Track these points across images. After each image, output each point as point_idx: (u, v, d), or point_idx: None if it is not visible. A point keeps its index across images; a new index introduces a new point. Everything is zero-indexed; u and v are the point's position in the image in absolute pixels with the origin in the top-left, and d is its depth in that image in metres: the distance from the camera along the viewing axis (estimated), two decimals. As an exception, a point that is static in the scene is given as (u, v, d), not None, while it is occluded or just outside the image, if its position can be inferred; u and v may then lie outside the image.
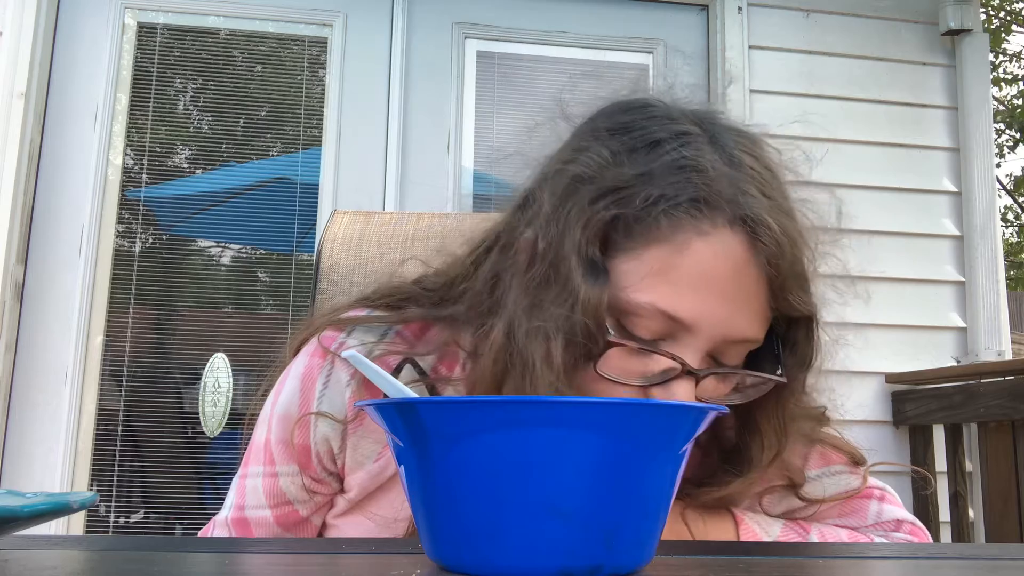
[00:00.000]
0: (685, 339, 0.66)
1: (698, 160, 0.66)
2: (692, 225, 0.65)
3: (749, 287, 0.66)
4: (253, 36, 2.74)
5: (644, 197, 0.65)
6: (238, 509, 0.79)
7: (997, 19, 12.03)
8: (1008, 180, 13.88)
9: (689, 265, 0.65)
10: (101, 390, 2.43)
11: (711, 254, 0.65)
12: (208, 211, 2.79)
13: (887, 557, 0.57)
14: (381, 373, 0.52)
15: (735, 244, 0.65)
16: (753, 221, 0.65)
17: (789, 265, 0.66)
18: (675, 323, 0.65)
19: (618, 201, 0.66)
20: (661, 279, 0.65)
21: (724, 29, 2.76)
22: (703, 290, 0.65)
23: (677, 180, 0.66)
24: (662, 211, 0.65)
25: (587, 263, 0.65)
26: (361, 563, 0.49)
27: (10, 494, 0.50)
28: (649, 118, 0.70)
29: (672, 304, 0.64)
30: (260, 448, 0.79)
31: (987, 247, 2.72)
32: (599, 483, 0.41)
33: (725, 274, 0.65)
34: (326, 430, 0.75)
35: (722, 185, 0.66)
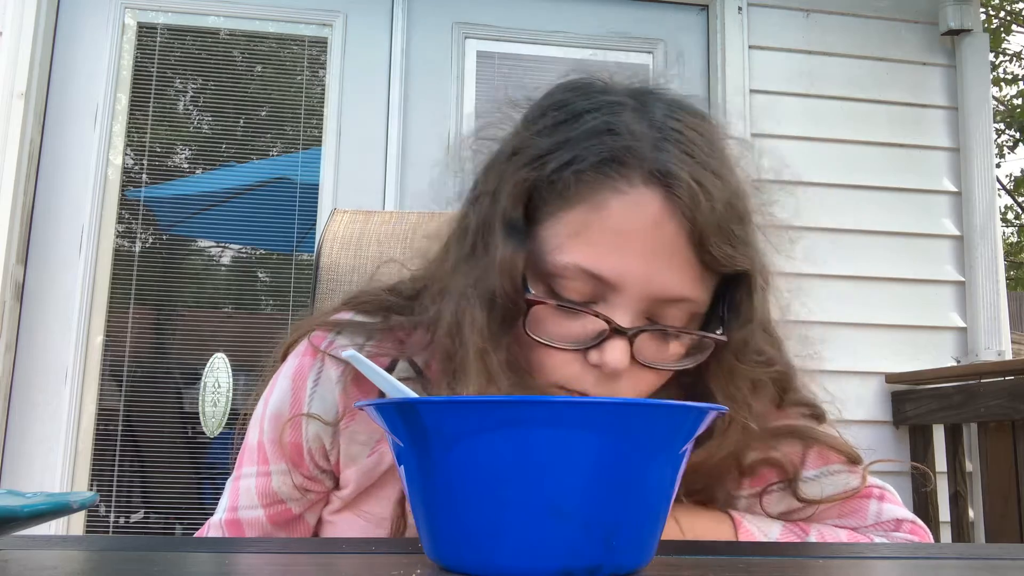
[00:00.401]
0: (613, 299, 0.66)
1: (616, 124, 0.68)
2: (608, 184, 0.66)
3: (669, 242, 0.66)
4: (253, 36, 2.74)
5: (558, 161, 0.67)
6: (231, 511, 0.80)
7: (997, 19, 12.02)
8: (1008, 180, 13.88)
9: (606, 223, 0.66)
10: (101, 390, 2.43)
11: (627, 210, 0.65)
12: (208, 211, 2.79)
13: (887, 557, 0.57)
14: (381, 373, 0.52)
15: (651, 199, 0.66)
16: (668, 175, 0.65)
17: (708, 218, 0.65)
18: (600, 282, 0.66)
19: (537, 168, 0.68)
20: (581, 239, 0.66)
21: (724, 29, 2.76)
22: (622, 246, 0.65)
23: (592, 143, 0.67)
24: (575, 172, 0.66)
25: (508, 227, 0.68)
26: (361, 563, 0.49)
27: (10, 494, 0.50)
28: (584, 95, 0.72)
29: (593, 262, 0.65)
30: (253, 449, 0.80)
31: (987, 247, 2.72)
32: (599, 483, 0.41)
33: (643, 229, 0.65)
34: (318, 427, 0.76)
35: (638, 145, 0.67)
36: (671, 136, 0.68)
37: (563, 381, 0.68)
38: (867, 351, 2.66)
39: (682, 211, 0.65)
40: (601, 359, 0.66)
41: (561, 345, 0.67)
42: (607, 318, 0.66)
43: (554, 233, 0.67)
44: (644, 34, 2.82)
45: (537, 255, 0.68)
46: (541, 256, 0.67)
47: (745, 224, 0.69)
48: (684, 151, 0.67)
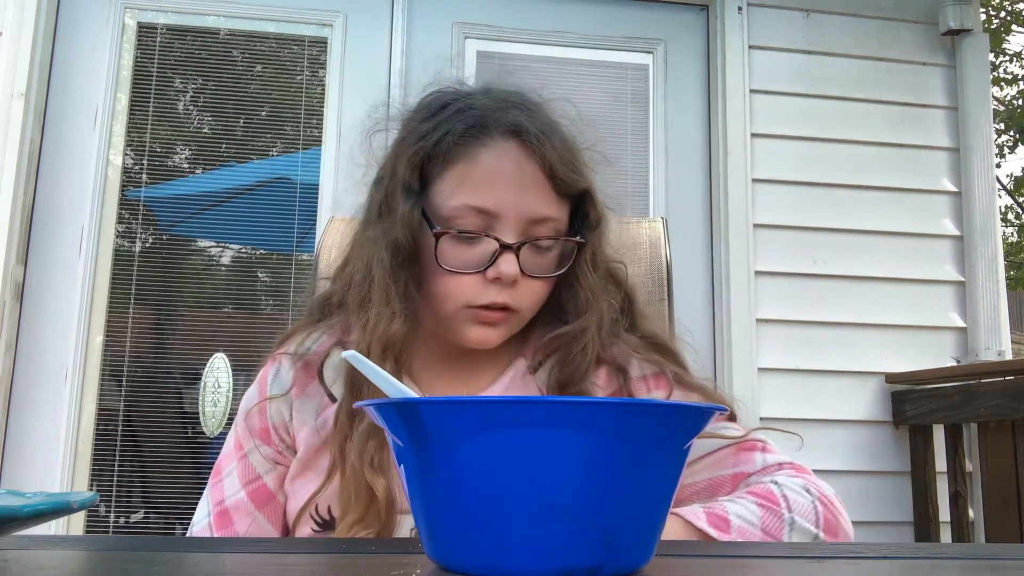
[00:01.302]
0: (497, 226, 0.86)
1: (471, 103, 0.91)
2: (477, 142, 0.88)
3: (530, 176, 0.87)
4: (253, 36, 2.74)
5: (439, 133, 0.89)
6: (218, 505, 0.91)
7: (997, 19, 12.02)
8: (1008, 180, 13.88)
9: (482, 169, 0.87)
10: (101, 390, 2.43)
11: (495, 157, 0.87)
12: (208, 211, 2.79)
13: (887, 557, 0.57)
14: (380, 373, 0.52)
15: (510, 147, 0.88)
16: (519, 127, 0.88)
17: (552, 155, 0.87)
18: (484, 214, 0.86)
19: (422, 142, 0.89)
20: (465, 185, 0.87)
21: (724, 29, 2.76)
22: (497, 183, 0.86)
23: (460, 118, 0.89)
24: (452, 139, 0.88)
25: (406, 191, 0.88)
26: (361, 563, 0.49)
27: (10, 494, 0.50)
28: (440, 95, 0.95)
29: (477, 199, 0.86)
30: (231, 450, 0.94)
31: (987, 247, 2.72)
32: (599, 483, 0.41)
33: (509, 168, 0.87)
34: (278, 408, 0.92)
35: (491, 112, 0.89)
36: (512, 103, 0.91)
37: (470, 299, 0.87)
38: (867, 351, 2.66)
39: (534, 152, 0.87)
40: (497, 271, 0.85)
41: (465, 270, 0.86)
42: (497, 237, 0.86)
43: (444, 187, 0.88)
44: (644, 34, 2.82)
45: (435, 206, 0.88)
46: (437, 206, 0.88)
47: (577, 158, 0.92)
48: (525, 112, 0.90)
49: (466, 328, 0.88)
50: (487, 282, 0.86)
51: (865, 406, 2.64)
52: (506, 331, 0.90)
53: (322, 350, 0.94)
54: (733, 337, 2.59)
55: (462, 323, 0.88)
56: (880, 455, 2.62)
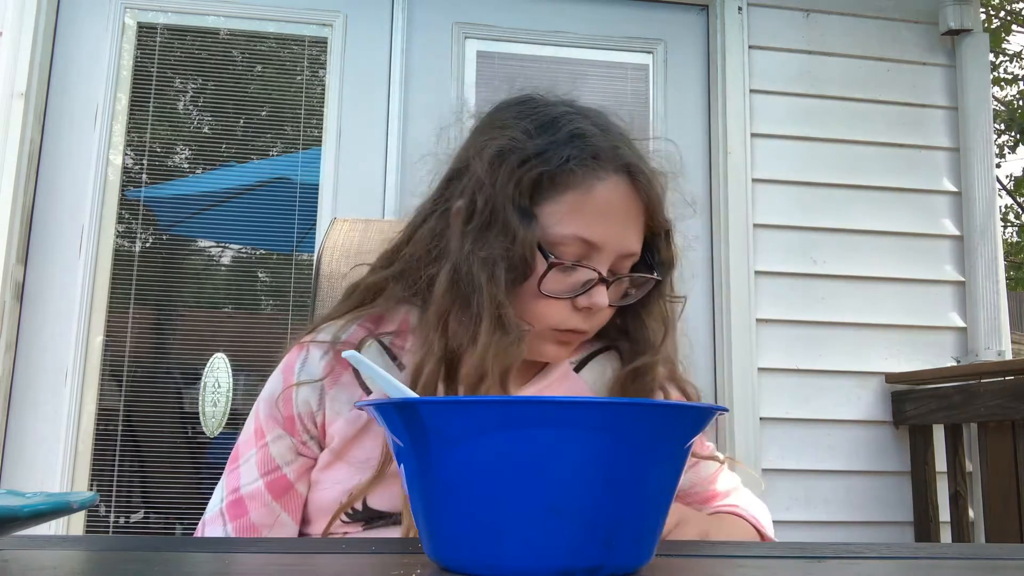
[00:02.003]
0: (596, 257, 0.89)
1: (584, 129, 0.92)
2: (592, 174, 0.90)
3: (633, 213, 0.91)
4: (253, 36, 2.74)
5: (558, 158, 0.90)
6: (232, 492, 0.91)
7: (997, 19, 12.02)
8: (1008, 180, 13.88)
9: (595, 202, 0.89)
10: (101, 390, 2.43)
11: (608, 192, 0.90)
12: (208, 211, 2.79)
13: (887, 557, 0.57)
14: (381, 373, 0.52)
15: (621, 184, 0.91)
16: (630, 167, 0.91)
17: (655, 195, 0.92)
18: (589, 246, 0.89)
19: (541, 162, 0.89)
20: (578, 216, 0.89)
21: (724, 29, 2.76)
22: (607, 218, 0.90)
23: (576, 144, 0.91)
24: (572, 166, 0.89)
25: (519, 210, 0.88)
26: (361, 563, 0.49)
27: (10, 494, 0.50)
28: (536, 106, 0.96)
29: (587, 231, 0.89)
30: (250, 436, 0.94)
31: (987, 247, 2.72)
32: (599, 483, 0.41)
33: (619, 206, 0.91)
34: (306, 394, 0.91)
35: (603, 144, 0.91)
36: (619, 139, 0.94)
37: (558, 324, 0.90)
38: (867, 351, 2.66)
39: (640, 191, 0.91)
40: (590, 302, 0.90)
41: (561, 295, 0.89)
42: (598, 271, 0.89)
43: (554, 212, 0.89)
44: (644, 34, 2.82)
45: (542, 229, 0.89)
46: (545, 230, 0.89)
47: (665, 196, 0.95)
48: (630, 148, 0.93)
49: (543, 345, 0.93)
50: (575, 308, 0.90)
51: (865, 406, 2.64)
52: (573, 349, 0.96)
53: (353, 340, 0.94)
54: (733, 337, 2.59)
55: (541, 341, 0.92)
56: (880, 455, 2.62)
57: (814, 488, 2.55)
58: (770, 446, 2.56)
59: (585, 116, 0.94)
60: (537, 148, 0.90)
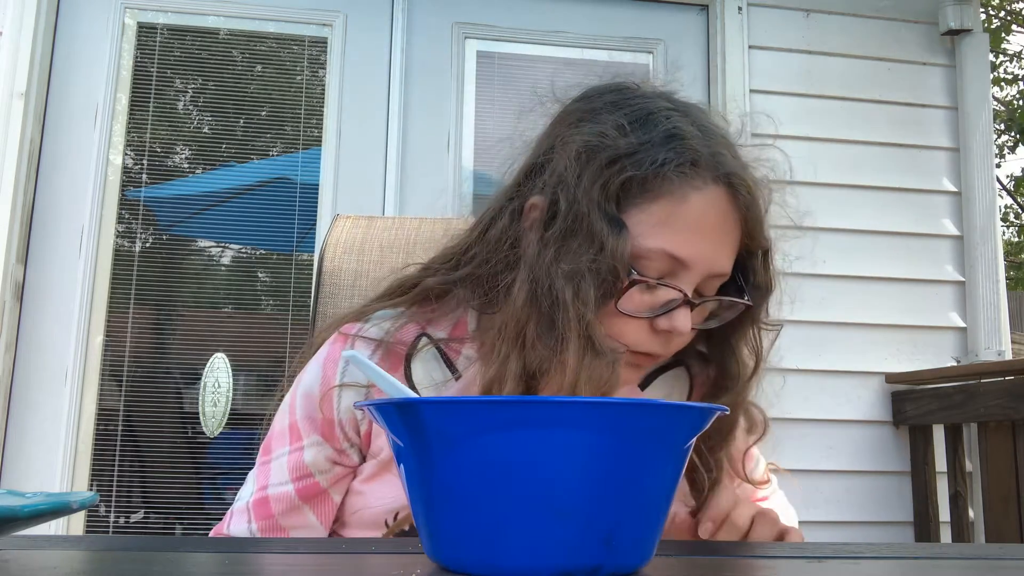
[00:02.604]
0: (682, 275, 0.79)
1: (682, 129, 0.81)
2: (687, 182, 0.79)
3: (729, 229, 0.81)
4: (253, 36, 2.74)
5: (651, 160, 0.78)
6: (261, 490, 0.84)
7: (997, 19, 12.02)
8: (1008, 180, 13.88)
9: (688, 214, 0.79)
10: (101, 390, 2.43)
11: (704, 204, 0.79)
12: (208, 211, 2.79)
13: (887, 557, 0.57)
14: (381, 373, 0.52)
15: (720, 196, 0.80)
16: (731, 177, 0.80)
17: (755, 212, 0.81)
18: (676, 262, 0.78)
19: (632, 164, 0.79)
20: (667, 227, 0.78)
21: (724, 29, 2.76)
22: (700, 234, 0.79)
23: (673, 146, 0.79)
24: (667, 171, 0.78)
25: (608, 217, 0.77)
26: (361, 563, 0.49)
27: (10, 494, 0.50)
28: (631, 97, 0.85)
29: (677, 247, 0.78)
30: (284, 431, 0.85)
31: (987, 247, 2.72)
32: (599, 483, 0.41)
33: (715, 221, 0.80)
34: (350, 399, 0.82)
35: (703, 148, 0.80)
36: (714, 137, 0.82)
37: (634, 345, 0.80)
38: (867, 351, 2.66)
39: (739, 206, 0.80)
40: (671, 325, 0.79)
41: (640, 315, 0.79)
42: (683, 291, 0.79)
43: (641, 221, 0.79)
44: (644, 34, 2.82)
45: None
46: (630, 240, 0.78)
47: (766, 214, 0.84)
48: (728, 152, 0.82)
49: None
50: (653, 330, 0.80)
51: (865, 406, 2.64)
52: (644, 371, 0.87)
53: (406, 339, 0.85)
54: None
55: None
56: (880, 455, 2.62)
57: (814, 488, 2.55)
58: (770, 446, 2.55)
59: (685, 114, 0.83)
60: (629, 147, 0.79)
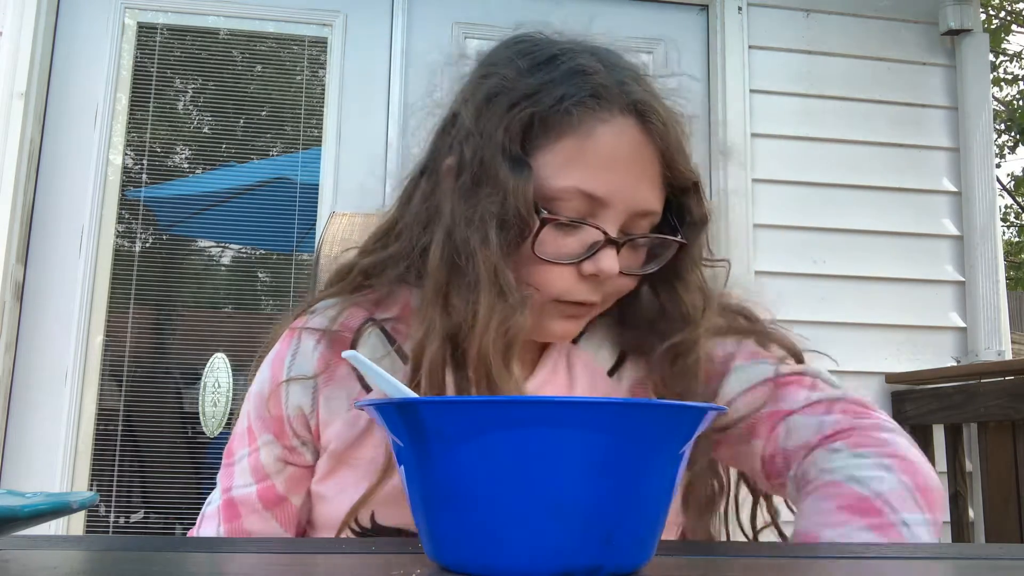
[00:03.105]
0: (602, 214, 0.76)
1: (586, 65, 0.79)
2: (593, 115, 0.76)
3: (646, 161, 0.77)
4: (253, 36, 2.74)
5: (553, 97, 0.77)
6: (225, 492, 0.84)
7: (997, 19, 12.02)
8: (1008, 180, 13.88)
9: (597, 148, 0.76)
10: (101, 390, 2.43)
11: (613, 137, 0.76)
12: (208, 211, 2.79)
13: (887, 557, 0.57)
14: (380, 373, 0.52)
15: (630, 126, 0.77)
16: (640, 105, 0.77)
17: (674, 140, 0.78)
18: (593, 200, 0.75)
19: (531, 104, 0.77)
20: (576, 164, 0.76)
21: (724, 29, 2.76)
22: (612, 168, 0.76)
23: (575, 82, 0.77)
24: (568, 106, 0.76)
25: (511, 160, 0.76)
26: (361, 563, 0.49)
27: (10, 494, 0.50)
28: (535, 43, 0.85)
29: (588, 183, 0.75)
30: (243, 433, 0.85)
31: (987, 247, 2.72)
32: (599, 483, 0.41)
33: (627, 152, 0.77)
34: (298, 397, 0.81)
35: (609, 81, 0.78)
36: (623, 71, 0.80)
37: (562, 294, 0.77)
38: (867, 351, 2.66)
39: (654, 136, 0.77)
40: (596, 267, 0.76)
41: (562, 260, 0.76)
42: (604, 230, 0.75)
43: (548, 162, 0.76)
44: (644, 34, 2.82)
45: (537, 182, 0.76)
46: (540, 183, 0.76)
47: (688, 142, 0.81)
48: (643, 87, 0.80)
49: (550, 322, 0.79)
50: (581, 276, 0.77)
51: (865, 406, 2.63)
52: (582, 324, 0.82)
53: (351, 326, 0.83)
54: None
55: (547, 316, 0.79)
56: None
57: (814, 488, 2.55)
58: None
59: (592, 53, 0.81)
60: (529, 88, 0.78)
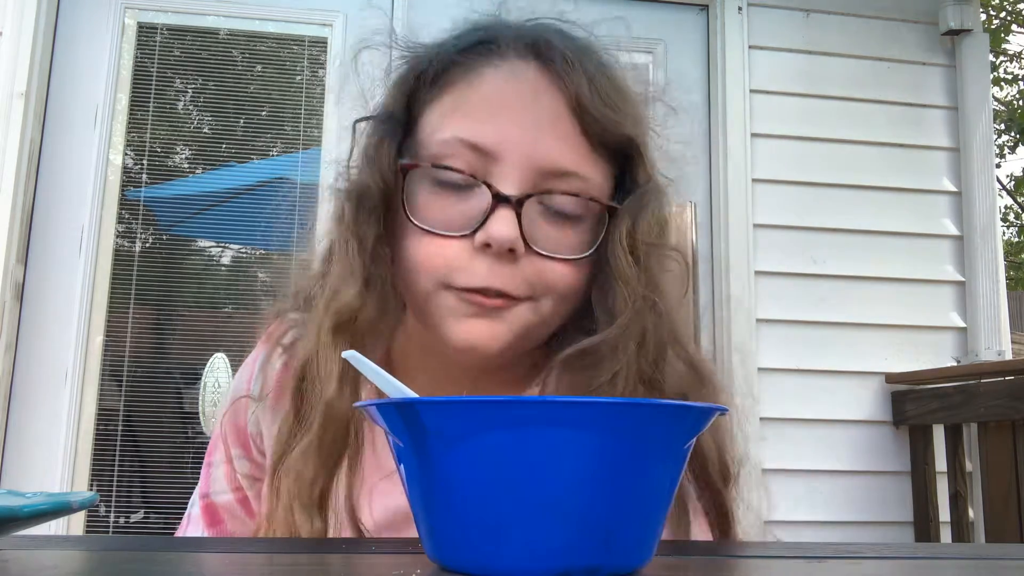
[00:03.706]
0: (495, 171, 0.64)
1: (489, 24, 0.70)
2: (483, 61, 0.67)
3: (548, 107, 0.65)
4: (253, 36, 2.74)
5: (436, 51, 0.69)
6: (203, 497, 0.81)
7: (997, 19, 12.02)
8: (1008, 180, 13.88)
9: (482, 93, 0.65)
10: (101, 390, 2.43)
11: (502, 80, 0.66)
12: (208, 211, 2.79)
13: (887, 557, 0.57)
14: (380, 372, 0.52)
15: (527, 69, 0.66)
16: (540, 45, 0.67)
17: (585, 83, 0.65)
18: (480, 153, 0.64)
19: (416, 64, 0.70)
20: (459, 112, 0.66)
21: (724, 29, 2.76)
22: (498, 114, 0.64)
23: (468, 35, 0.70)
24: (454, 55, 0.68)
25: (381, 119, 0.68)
26: (361, 563, 0.49)
27: (10, 494, 0.50)
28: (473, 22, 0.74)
29: (470, 131, 0.64)
30: (219, 437, 0.82)
31: (987, 247, 2.72)
32: (599, 483, 0.41)
33: (519, 97, 0.65)
34: (257, 413, 0.76)
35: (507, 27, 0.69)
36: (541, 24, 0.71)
37: (449, 275, 0.64)
38: (867, 351, 2.66)
39: (558, 79, 0.65)
40: (486, 234, 0.62)
41: (446, 231, 0.63)
42: (489, 184, 0.63)
43: (434, 116, 0.67)
44: (644, 34, 2.81)
45: (418, 142, 0.67)
46: (421, 141, 0.66)
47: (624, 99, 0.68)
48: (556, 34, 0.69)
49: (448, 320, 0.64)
50: (475, 252, 0.63)
51: (865, 406, 2.64)
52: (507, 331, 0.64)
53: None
54: (734, 337, 2.59)
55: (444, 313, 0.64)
56: (880, 455, 2.62)
57: (814, 488, 2.55)
58: (770, 446, 2.56)
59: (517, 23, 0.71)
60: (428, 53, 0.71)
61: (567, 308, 0.67)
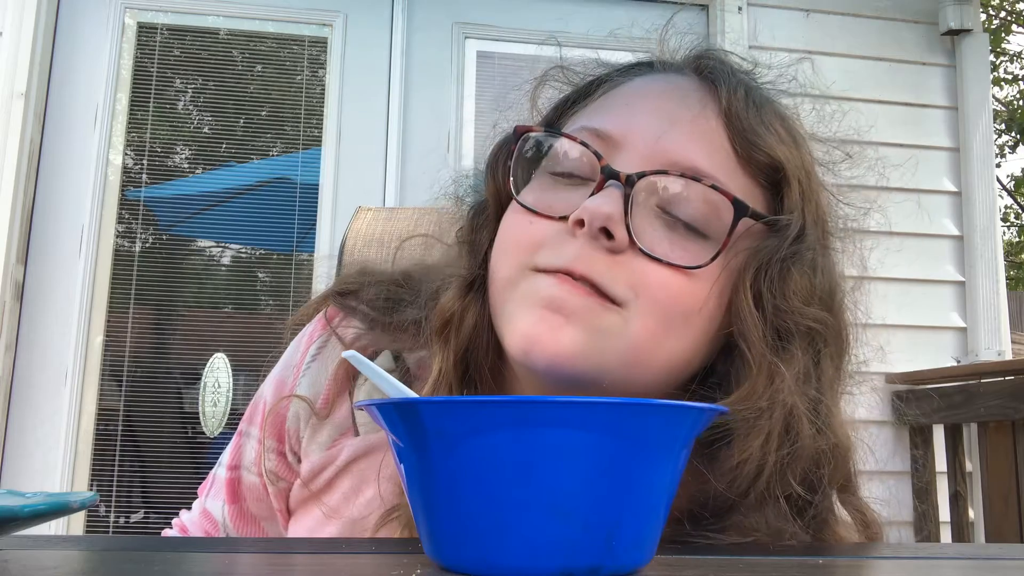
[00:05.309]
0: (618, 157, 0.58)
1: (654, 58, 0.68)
2: (638, 72, 0.66)
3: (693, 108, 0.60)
4: (253, 36, 2.74)
5: (595, 71, 0.67)
6: (232, 469, 0.79)
7: (997, 19, 12.02)
8: (1008, 180, 13.88)
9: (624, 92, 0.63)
10: (101, 390, 2.43)
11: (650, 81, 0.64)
12: (208, 211, 2.79)
13: (887, 557, 0.57)
14: (381, 373, 0.52)
15: (682, 78, 0.64)
16: (703, 59, 0.64)
17: (741, 102, 0.60)
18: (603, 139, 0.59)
19: (570, 87, 0.68)
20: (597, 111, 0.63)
21: (724, 29, 2.76)
22: (634, 105, 0.60)
23: (630, 65, 0.68)
24: (613, 75, 0.66)
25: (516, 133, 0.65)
26: (361, 563, 0.49)
27: (10, 494, 0.50)
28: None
29: (599, 121, 0.60)
30: (259, 410, 0.78)
31: (987, 247, 2.72)
32: (599, 483, 0.41)
33: (663, 93, 0.61)
34: (299, 407, 0.73)
35: (664, 56, 0.67)
36: (707, 48, 0.68)
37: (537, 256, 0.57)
38: (867, 351, 2.66)
39: (714, 89, 0.61)
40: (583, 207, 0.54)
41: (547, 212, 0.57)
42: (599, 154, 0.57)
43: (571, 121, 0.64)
44: (644, 34, 2.81)
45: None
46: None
47: (788, 126, 0.62)
48: (722, 52, 0.66)
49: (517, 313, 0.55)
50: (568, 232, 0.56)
51: (865, 406, 2.63)
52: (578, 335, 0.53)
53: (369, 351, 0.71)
54: (733, 337, 2.59)
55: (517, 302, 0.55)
56: (880, 455, 2.61)
57: (814, 488, 2.55)
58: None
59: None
60: (582, 81, 0.69)
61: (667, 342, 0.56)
